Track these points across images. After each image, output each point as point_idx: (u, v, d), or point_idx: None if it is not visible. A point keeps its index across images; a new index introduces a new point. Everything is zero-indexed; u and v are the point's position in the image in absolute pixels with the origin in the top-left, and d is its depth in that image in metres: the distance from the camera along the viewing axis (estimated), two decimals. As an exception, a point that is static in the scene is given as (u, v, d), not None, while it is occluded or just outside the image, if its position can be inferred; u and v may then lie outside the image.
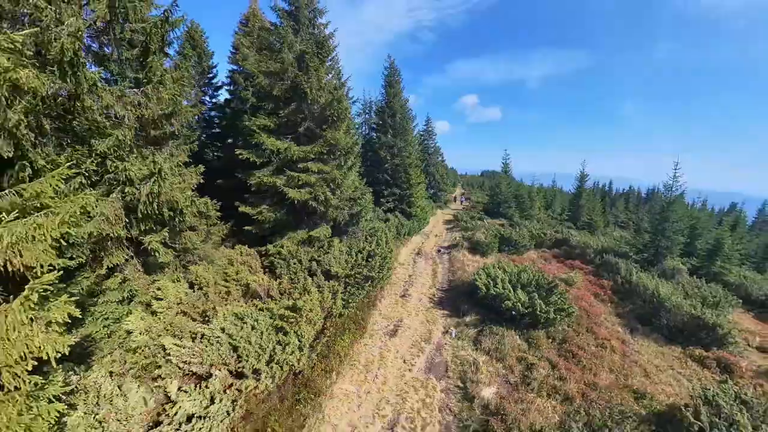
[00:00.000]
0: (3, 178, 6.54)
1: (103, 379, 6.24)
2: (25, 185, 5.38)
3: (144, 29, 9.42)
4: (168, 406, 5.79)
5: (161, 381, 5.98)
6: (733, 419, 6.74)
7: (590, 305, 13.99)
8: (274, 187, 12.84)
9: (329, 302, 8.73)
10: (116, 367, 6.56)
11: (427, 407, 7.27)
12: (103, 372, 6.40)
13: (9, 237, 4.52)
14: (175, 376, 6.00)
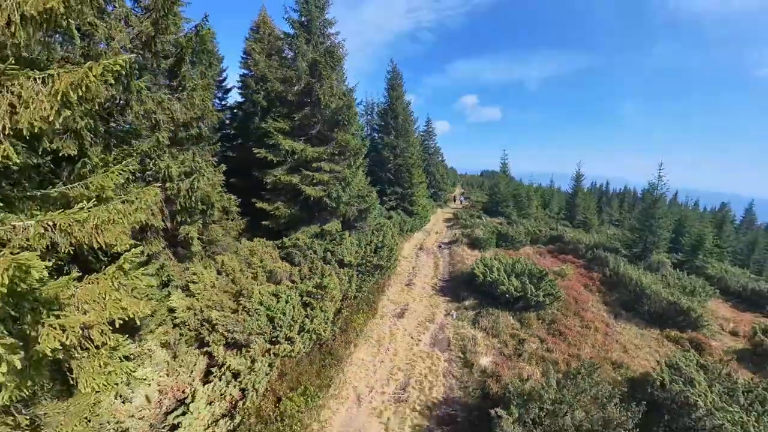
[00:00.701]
0: (63, 172, 7.76)
1: (156, 347, 7.42)
2: (92, 178, 6.52)
3: (177, 41, 10.62)
4: (215, 368, 6.96)
5: (208, 348, 7.15)
6: (691, 378, 7.96)
7: (579, 294, 15.23)
8: (290, 185, 14.03)
9: (345, 286, 9.93)
10: (167, 337, 7.74)
11: (432, 373, 8.49)
12: (156, 342, 7.57)
13: (94, 220, 5.69)
14: (220, 343, 7.17)
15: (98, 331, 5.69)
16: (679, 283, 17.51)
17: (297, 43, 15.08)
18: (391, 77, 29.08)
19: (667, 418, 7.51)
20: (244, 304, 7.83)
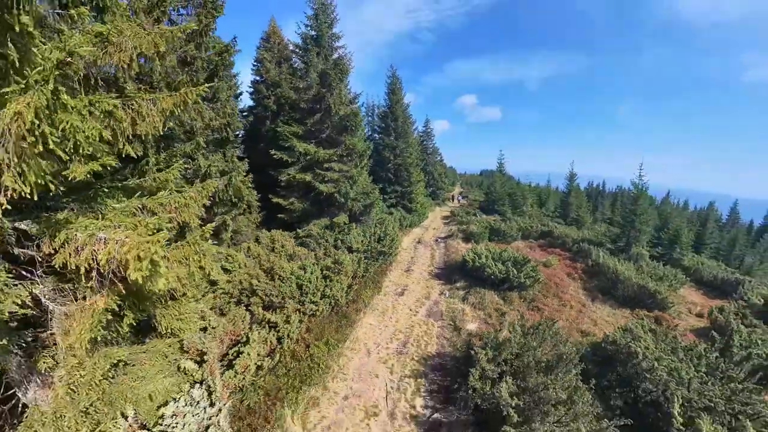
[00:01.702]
0: (126, 170, 9.69)
1: (207, 309, 9.33)
2: (159, 174, 8.45)
3: (210, 58, 12.58)
4: (255, 324, 8.87)
5: (250, 308, 9.07)
6: (639, 337, 9.89)
7: (561, 280, 17.16)
8: (303, 182, 15.96)
9: (354, 266, 11.83)
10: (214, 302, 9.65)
11: (428, 335, 10.44)
12: (207, 305, 9.49)
13: (174, 203, 7.60)
14: (259, 305, 9.08)
15: (181, 284, 7.61)
16: (653, 272, 19.43)
17: (309, 56, 17.02)
18: (391, 82, 31.03)
19: (619, 368, 9.43)
20: (279, 273, 9.75)
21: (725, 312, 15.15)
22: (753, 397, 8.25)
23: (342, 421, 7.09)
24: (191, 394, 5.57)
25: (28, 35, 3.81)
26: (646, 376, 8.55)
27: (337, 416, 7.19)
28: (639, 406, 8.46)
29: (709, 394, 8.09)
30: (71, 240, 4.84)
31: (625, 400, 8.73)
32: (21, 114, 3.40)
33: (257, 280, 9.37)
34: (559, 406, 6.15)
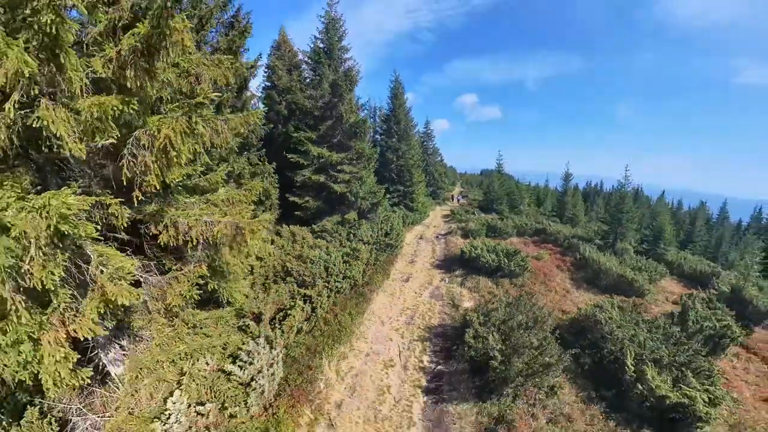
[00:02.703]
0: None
1: (248, 288, 11.52)
2: (210, 175, 10.63)
3: (239, 74, 14.76)
4: (289, 300, 11.05)
5: (286, 284, 11.27)
6: (607, 310, 12.13)
7: (549, 271, 19.43)
8: (317, 183, 18.17)
9: (367, 254, 14.04)
10: (253, 279, 11.83)
11: (431, 311, 12.69)
12: (248, 284, 11.67)
13: (226, 195, 9.77)
14: (293, 283, 11.27)
15: (240, 261, 9.77)
16: (634, 264, 21.71)
17: (321, 68, 19.25)
18: (394, 86, 33.31)
19: (588, 336, 11.68)
20: (310, 258, 11.94)
21: (692, 297, 17.41)
22: (698, 357, 10.51)
23: (366, 370, 9.32)
24: (258, 342, 7.74)
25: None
26: (608, 338, 10.79)
27: (362, 367, 9.41)
28: (603, 363, 10.70)
29: (658, 351, 10.34)
30: (176, 224, 7.04)
31: (592, 359, 10.98)
32: (168, 136, 5.60)
33: (290, 264, 11.55)
34: (532, 350, 8.39)
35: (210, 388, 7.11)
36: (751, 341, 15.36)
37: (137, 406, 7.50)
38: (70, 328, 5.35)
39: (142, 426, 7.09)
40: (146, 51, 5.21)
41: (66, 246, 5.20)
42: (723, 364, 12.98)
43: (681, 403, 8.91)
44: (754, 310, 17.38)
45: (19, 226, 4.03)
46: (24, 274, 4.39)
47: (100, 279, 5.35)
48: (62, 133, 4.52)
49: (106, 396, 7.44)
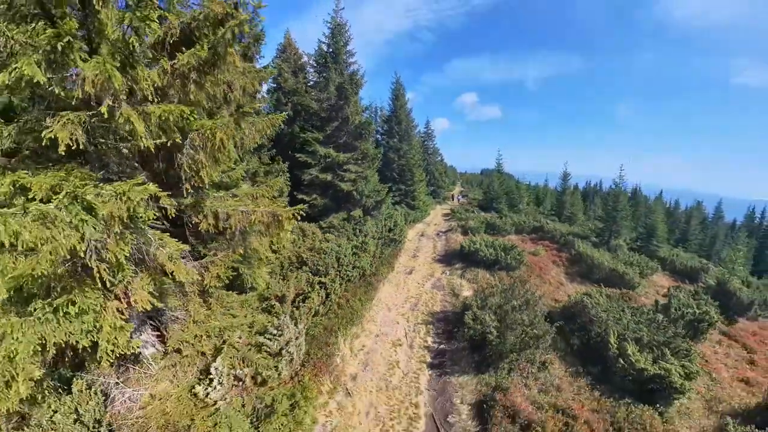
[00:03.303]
0: None
1: (268, 276, 12.68)
2: (229, 173, 11.80)
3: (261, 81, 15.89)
4: (307, 286, 12.23)
5: (302, 272, 12.46)
6: (596, 297, 13.35)
7: (545, 265, 20.66)
8: (324, 181, 19.35)
9: (374, 248, 15.24)
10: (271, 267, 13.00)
11: (433, 299, 13.90)
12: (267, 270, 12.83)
13: (250, 191, 10.95)
14: (308, 271, 12.44)
15: (264, 250, 10.89)
16: (627, 259, 22.97)
17: (328, 72, 20.45)
18: (395, 88, 34.58)
19: (578, 320, 12.90)
20: (324, 248, 13.14)
21: (679, 290, 18.66)
22: (677, 339, 11.72)
23: (377, 348, 10.51)
24: (283, 319, 8.93)
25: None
26: (594, 321, 12.02)
27: (373, 345, 10.61)
28: (590, 343, 11.92)
29: (639, 332, 11.57)
30: (216, 213, 8.21)
31: (581, 340, 12.20)
32: (222, 139, 6.80)
33: (305, 255, 12.74)
34: (524, 326, 9.60)
35: (243, 359, 8.30)
36: (733, 330, 16.66)
37: (175, 377, 8.70)
38: (132, 299, 6.54)
39: (183, 392, 8.28)
40: (201, 68, 6.42)
41: (133, 228, 6.40)
42: (705, 349, 14.24)
43: (658, 375, 10.14)
44: (737, 301, 18.67)
45: (106, 208, 5.21)
46: (102, 249, 5.58)
47: (161, 257, 6.54)
48: (140, 131, 5.69)
49: (140, 372, 8.63)
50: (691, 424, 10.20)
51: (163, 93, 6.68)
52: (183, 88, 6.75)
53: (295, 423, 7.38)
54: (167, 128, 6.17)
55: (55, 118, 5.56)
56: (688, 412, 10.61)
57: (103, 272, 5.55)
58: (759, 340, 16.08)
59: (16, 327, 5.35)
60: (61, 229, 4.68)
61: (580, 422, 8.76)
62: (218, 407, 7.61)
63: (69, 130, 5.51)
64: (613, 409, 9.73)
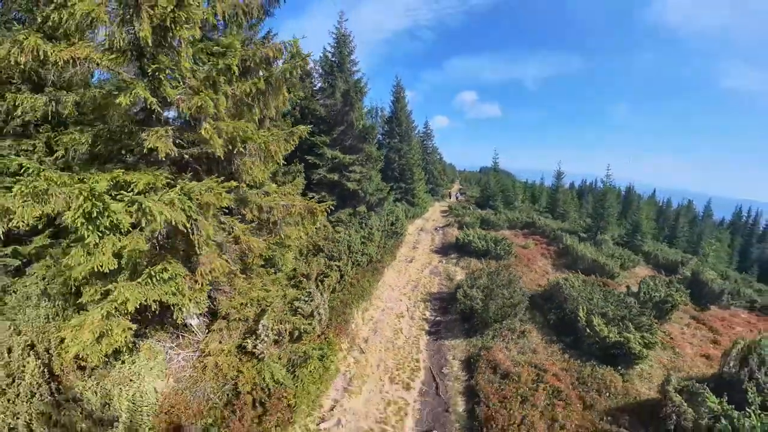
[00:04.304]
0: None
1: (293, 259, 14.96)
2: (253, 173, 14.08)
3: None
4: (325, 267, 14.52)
5: (318, 257, 14.78)
6: (571, 281, 15.71)
7: (533, 257, 23.05)
8: (333, 181, 21.64)
9: (379, 238, 17.58)
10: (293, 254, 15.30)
11: (430, 283, 16.28)
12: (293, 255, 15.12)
13: (278, 189, 13.24)
14: (324, 257, 14.76)
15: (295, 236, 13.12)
16: (610, 252, 25.39)
17: (334, 80, 22.74)
18: (396, 90, 36.89)
19: (555, 300, 15.25)
20: (337, 238, 15.47)
21: (654, 279, 21.05)
22: (641, 316, 14.00)
23: (383, 319, 12.86)
24: (312, 289, 11.25)
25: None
26: (568, 299, 14.38)
27: (380, 317, 12.96)
28: (564, 318, 14.26)
29: (605, 308, 13.92)
30: (261, 206, 10.49)
31: (556, 316, 14.54)
32: (276, 150, 9.12)
33: (321, 243, 15.08)
34: (504, 298, 11.97)
35: (281, 320, 10.62)
36: (703, 315, 19.01)
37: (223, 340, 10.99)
38: (210, 267, 8.85)
39: (232, 348, 10.57)
40: (256, 96, 8.75)
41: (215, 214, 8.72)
42: (673, 329, 16.56)
43: (619, 341, 12.43)
44: (709, 290, 21.06)
45: (203, 198, 7.52)
46: (198, 228, 7.89)
47: (237, 231, 8.87)
48: (218, 143, 7.99)
49: (189, 338, 10.93)
50: (649, 386, 12.52)
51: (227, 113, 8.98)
52: (239, 108, 9.09)
53: (324, 369, 9.71)
54: (234, 140, 8.49)
55: (149, 132, 7.88)
56: (648, 377, 12.89)
57: (200, 242, 7.86)
58: (726, 324, 18.36)
59: (128, 288, 7.64)
60: (179, 210, 6.94)
61: (550, 375, 11.08)
62: (261, 359, 9.91)
63: (163, 142, 7.81)
64: (580, 368, 12.02)
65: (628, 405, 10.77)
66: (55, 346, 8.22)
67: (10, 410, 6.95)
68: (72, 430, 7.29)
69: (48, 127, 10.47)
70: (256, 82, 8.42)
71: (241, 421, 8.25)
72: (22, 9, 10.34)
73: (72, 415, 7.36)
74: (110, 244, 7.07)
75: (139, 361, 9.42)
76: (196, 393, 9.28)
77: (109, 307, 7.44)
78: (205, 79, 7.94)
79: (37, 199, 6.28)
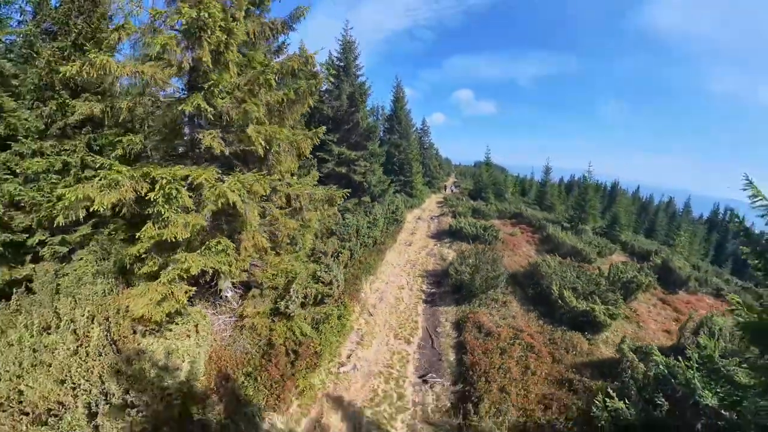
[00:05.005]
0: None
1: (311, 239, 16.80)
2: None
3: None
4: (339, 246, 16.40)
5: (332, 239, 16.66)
6: (548, 261, 17.67)
7: (519, 243, 25.01)
8: (341, 174, 23.46)
9: (382, 224, 19.49)
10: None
11: (426, 262, 18.27)
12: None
13: (296, 181, 15.08)
14: (336, 239, 16.65)
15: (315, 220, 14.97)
16: (589, 240, 27.39)
17: (341, 84, 24.47)
18: (396, 92, 38.62)
19: (534, 278, 17.23)
20: (347, 223, 17.38)
21: (625, 264, 23.06)
22: (607, 293, 15.86)
23: (387, 290, 14.83)
24: (330, 261, 13.15)
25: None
26: (544, 276, 16.35)
27: (385, 288, 14.93)
28: (541, 291, 16.22)
29: (576, 284, 15.88)
30: (288, 193, 12.32)
31: (535, 291, 16.51)
32: (304, 147, 10.98)
33: (333, 227, 16.99)
34: (488, 271, 13.93)
35: (306, 287, 12.53)
36: (671, 298, 20.92)
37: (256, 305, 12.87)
38: (253, 242, 10.72)
39: (265, 310, 12.46)
40: (286, 104, 10.57)
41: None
42: (641, 307, 18.43)
43: (585, 311, 14.34)
44: (677, 276, 23.00)
45: (254, 187, 9.37)
46: (247, 211, 9.73)
47: (276, 214, 10.71)
48: (259, 142, 9.81)
49: (226, 306, 12.82)
50: (612, 350, 14.44)
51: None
52: (272, 113, 10.91)
53: (341, 325, 11.66)
54: (271, 140, 10.32)
55: (203, 134, 9.69)
56: (612, 343, 14.77)
57: (249, 221, 9.69)
58: (691, 307, 20.04)
59: (192, 257, 9.47)
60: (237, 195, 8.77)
61: (525, 334, 13.04)
62: (291, 317, 11.82)
63: (217, 141, 9.63)
64: (552, 332, 13.95)
65: (592, 362, 12.67)
66: (113, 315, 9.46)
67: (83, 366, 7.97)
68: (142, 378, 8.98)
69: (89, 129, 11.38)
70: (287, 93, 10.24)
71: (276, 366, 10.11)
72: (56, 22, 11.06)
73: (142, 365, 8.96)
74: (181, 220, 8.92)
75: (191, 321, 11.30)
76: (236, 348, 11.07)
77: (174, 274, 9.26)
78: (249, 91, 9.74)
79: (111, 188, 8.08)
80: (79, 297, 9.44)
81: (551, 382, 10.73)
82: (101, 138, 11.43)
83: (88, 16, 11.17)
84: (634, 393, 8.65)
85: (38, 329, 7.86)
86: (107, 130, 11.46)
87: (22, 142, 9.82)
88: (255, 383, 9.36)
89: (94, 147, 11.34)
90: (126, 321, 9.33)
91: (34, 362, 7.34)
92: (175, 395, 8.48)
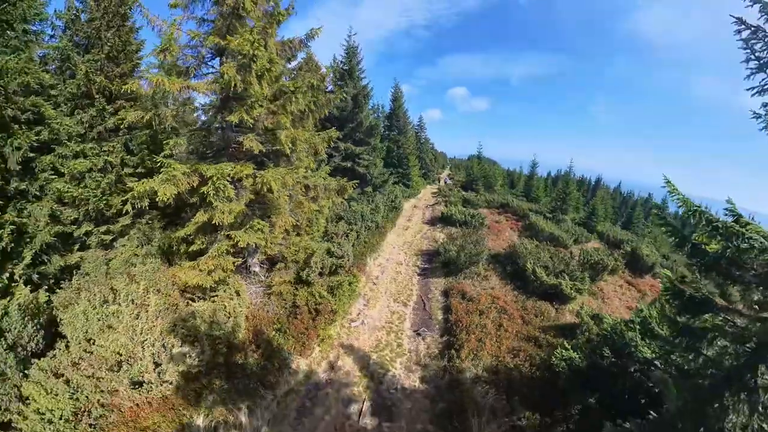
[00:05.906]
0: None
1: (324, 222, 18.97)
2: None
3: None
4: (347, 229, 18.53)
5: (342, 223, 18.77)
6: (527, 245, 19.85)
7: (503, 229, 27.18)
8: (346, 167, 25.44)
9: (383, 210, 21.58)
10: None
11: (421, 243, 20.48)
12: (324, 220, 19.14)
13: (309, 173, 17.10)
14: (344, 223, 18.75)
15: (328, 207, 17.08)
16: (567, 229, 29.60)
17: (346, 86, 26.30)
18: (394, 92, 40.40)
19: (512, 258, 19.41)
20: (354, 209, 19.47)
21: (597, 250, 25.28)
22: (575, 272, 18.00)
23: (388, 265, 17.00)
24: (342, 240, 15.25)
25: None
26: (521, 256, 18.54)
27: (386, 263, 17.10)
28: (518, 269, 18.37)
29: (547, 263, 18.05)
30: (307, 184, 14.38)
31: (513, 268, 18.66)
32: (321, 148, 13.02)
33: (342, 213, 19.10)
34: (471, 250, 16.10)
35: (323, 259, 14.64)
36: (637, 281, 22.87)
37: (281, 277, 14.97)
38: (281, 223, 12.79)
39: (289, 279, 14.56)
40: (304, 114, 12.57)
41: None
42: (608, 287, 20.45)
43: (554, 285, 16.43)
44: (644, 263, 25.05)
45: (286, 179, 11.42)
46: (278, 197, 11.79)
47: (302, 200, 12.76)
48: (287, 144, 11.82)
49: (255, 279, 14.88)
50: (576, 319, 16.57)
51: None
52: (293, 121, 12.90)
53: (351, 291, 13.83)
54: (295, 141, 12.34)
55: (244, 137, 11.69)
56: (577, 313, 17.06)
57: (282, 205, 11.74)
58: (654, 290, 21.90)
59: (239, 234, 11.51)
60: (277, 184, 10.80)
61: (501, 301, 15.21)
62: (312, 284, 13.95)
63: (255, 143, 11.62)
64: (525, 301, 16.06)
65: (557, 325, 14.77)
66: (164, 287, 10.88)
67: (147, 326, 9.32)
68: (195, 331, 10.96)
69: (125, 131, 12.22)
70: (309, 104, 12.23)
71: (301, 321, 12.20)
72: (88, 36, 11.71)
73: (195, 323, 10.46)
74: (227, 207, 10.96)
75: (232, 287, 13.36)
76: (267, 310, 13.11)
77: (223, 248, 11.26)
78: (281, 106, 11.72)
79: (170, 182, 9.96)
80: (133, 274, 10.48)
81: (521, 338, 12.76)
82: (136, 140, 12.71)
83: (118, 29, 11.95)
84: (587, 347, 10.72)
85: (99, 302, 8.80)
86: (139, 132, 12.51)
87: (66, 144, 10.38)
88: (284, 335, 11.43)
89: (131, 147, 12.42)
90: (175, 291, 11.07)
91: (102, 327, 8.36)
92: (222, 345, 10.15)
